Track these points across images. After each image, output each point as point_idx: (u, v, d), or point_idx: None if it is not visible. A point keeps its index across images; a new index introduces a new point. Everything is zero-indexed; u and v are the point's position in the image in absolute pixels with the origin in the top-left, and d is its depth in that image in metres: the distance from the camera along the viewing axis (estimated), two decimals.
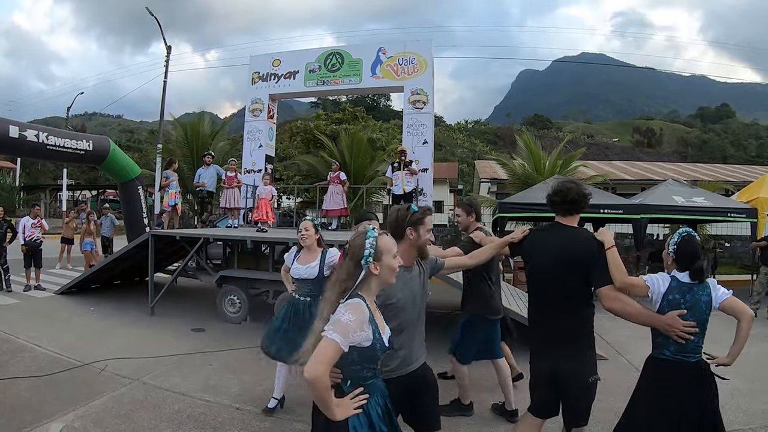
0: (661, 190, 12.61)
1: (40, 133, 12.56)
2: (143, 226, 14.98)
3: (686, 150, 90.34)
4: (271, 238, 8.96)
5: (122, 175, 15.35)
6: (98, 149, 14.18)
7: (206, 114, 28.03)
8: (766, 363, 6.85)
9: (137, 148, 55.04)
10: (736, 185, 19.54)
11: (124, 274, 11.71)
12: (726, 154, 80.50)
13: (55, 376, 5.61)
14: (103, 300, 10.16)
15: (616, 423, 3.44)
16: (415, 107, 12.91)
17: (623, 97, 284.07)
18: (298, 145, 31.23)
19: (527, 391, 3.48)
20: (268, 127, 14.51)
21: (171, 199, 11.51)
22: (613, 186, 21.12)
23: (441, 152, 57.92)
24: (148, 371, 5.91)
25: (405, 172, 11.34)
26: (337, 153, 20.89)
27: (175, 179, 11.72)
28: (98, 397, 5.06)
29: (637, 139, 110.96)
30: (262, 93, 14.42)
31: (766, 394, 5.52)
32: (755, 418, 4.91)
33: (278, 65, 14.36)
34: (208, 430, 4.44)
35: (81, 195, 41.97)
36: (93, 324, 8.37)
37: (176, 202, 11.56)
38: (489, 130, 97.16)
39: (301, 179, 23.23)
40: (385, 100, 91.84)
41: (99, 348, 6.73)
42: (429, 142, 12.82)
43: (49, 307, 9.51)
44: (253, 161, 14.29)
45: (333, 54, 13.93)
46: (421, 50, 13.27)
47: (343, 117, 34.69)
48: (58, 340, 7.09)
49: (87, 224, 14.40)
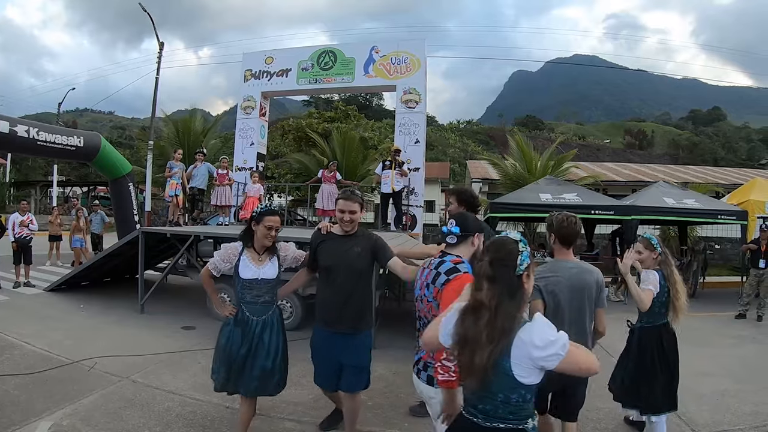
0: (651, 192, 12.68)
1: (30, 129, 12.51)
2: (134, 223, 14.95)
3: (677, 152, 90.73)
4: None
5: (113, 172, 15.30)
6: (89, 145, 14.13)
7: (198, 111, 27.89)
8: (755, 364, 6.91)
9: (128, 144, 54.74)
10: (726, 188, 19.65)
11: (114, 272, 11.64)
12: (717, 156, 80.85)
13: (44, 374, 5.57)
14: (92, 297, 10.09)
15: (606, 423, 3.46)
16: (408, 106, 12.94)
17: (615, 99, 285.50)
18: (290, 143, 31.16)
19: None
20: (260, 125, 14.50)
21: (171, 189, 11.41)
22: (604, 187, 21.19)
23: (433, 152, 57.98)
24: (138, 369, 5.89)
25: (396, 171, 11.33)
26: (329, 151, 20.92)
27: (179, 170, 11.61)
28: (87, 395, 5.03)
29: (629, 140, 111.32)
30: (254, 90, 14.41)
31: (755, 395, 5.56)
32: (744, 419, 4.95)
33: (271, 63, 14.35)
34: (198, 429, 4.43)
35: (71, 191, 41.71)
36: (82, 321, 8.31)
37: (177, 193, 11.44)
38: (481, 131, 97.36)
39: (293, 177, 23.18)
40: (378, 99, 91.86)
41: (88, 346, 6.69)
42: (421, 142, 12.85)
43: (39, 305, 9.43)
44: (245, 159, 14.28)
45: (326, 52, 13.93)
46: (414, 50, 13.30)
47: (335, 115, 34.63)
48: (48, 338, 7.03)
49: (77, 221, 14.31)
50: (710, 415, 5.02)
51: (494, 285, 2.02)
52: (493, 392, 1.99)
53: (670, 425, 4.47)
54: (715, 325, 9.44)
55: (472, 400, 2.10)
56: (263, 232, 3.88)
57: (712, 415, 5.03)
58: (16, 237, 11.14)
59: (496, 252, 2.11)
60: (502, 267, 2.06)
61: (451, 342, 2.10)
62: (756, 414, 5.09)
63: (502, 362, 1.94)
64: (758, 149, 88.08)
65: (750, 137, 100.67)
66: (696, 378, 5.98)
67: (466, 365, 2.00)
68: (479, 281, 2.09)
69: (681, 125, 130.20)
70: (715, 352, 7.50)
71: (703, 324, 9.40)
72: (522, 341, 1.95)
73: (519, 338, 1.95)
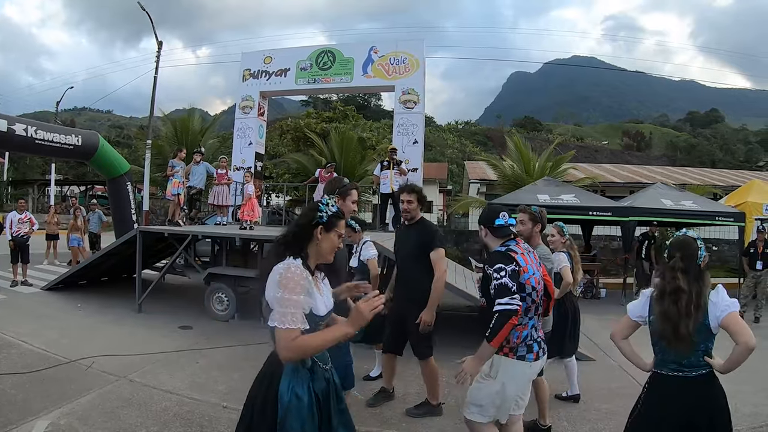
0: (649, 193, 12.71)
1: (28, 127, 12.48)
2: (131, 223, 14.91)
3: (675, 154, 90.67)
4: (260, 236, 8.95)
5: (111, 171, 15.28)
6: (87, 144, 14.11)
7: (196, 111, 27.92)
8: (754, 366, 6.83)
9: (126, 144, 54.61)
10: (724, 189, 19.66)
11: (112, 271, 11.63)
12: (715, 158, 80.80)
13: (41, 373, 5.57)
14: (90, 297, 10.09)
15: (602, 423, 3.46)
16: (406, 107, 12.94)
17: (613, 101, 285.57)
18: (288, 143, 31.13)
19: None
20: (258, 125, 14.50)
21: (174, 188, 11.25)
22: (602, 189, 21.17)
23: (431, 152, 57.88)
24: (135, 369, 5.88)
25: (394, 171, 11.33)
26: (327, 151, 20.91)
27: (180, 169, 11.44)
28: (85, 394, 5.03)
29: (627, 142, 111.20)
30: (252, 90, 14.40)
31: (754, 396, 5.55)
32: (743, 420, 4.94)
33: (269, 62, 14.35)
34: (195, 428, 4.43)
35: (69, 191, 41.64)
36: (80, 321, 8.32)
37: (179, 192, 11.26)
38: (479, 131, 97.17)
39: (291, 177, 23.18)
40: (376, 100, 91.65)
41: (86, 345, 6.69)
42: (419, 142, 12.85)
43: (36, 304, 9.44)
44: (243, 158, 14.27)
45: (324, 52, 13.93)
46: (413, 50, 13.30)
47: (333, 115, 34.61)
48: (45, 337, 7.03)
49: (74, 220, 14.29)
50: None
51: (686, 275, 2.77)
52: (695, 343, 2.73)
53: None
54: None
55: (674, 359, 2.80)
56: (333, 243, 2.51)
57: None
58: (14, 236, 11.12)
59: (685, 250, 2.86)
60: (689, 260, 2.82)
61: (648, 319, 2.92)
62: (756, 415, 5.10)
63: (703, 321, 2.72)
64: (756, 151, 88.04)
65: (748, 139, 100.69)
66: None
67: (669, 335, 2.73)
68: (674, 272, 2.79)
69: (679, 127, 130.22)
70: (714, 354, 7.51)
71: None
72: (713, 303, 2.76)
73: (711, 302, 2.76)
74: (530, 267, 3.26)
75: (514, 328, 3.10)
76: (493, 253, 3.36)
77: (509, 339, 3.17)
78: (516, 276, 3.14)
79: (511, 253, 3.24)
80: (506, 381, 3.22)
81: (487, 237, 3.49)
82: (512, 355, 3.23)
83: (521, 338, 3.23)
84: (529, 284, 3.21)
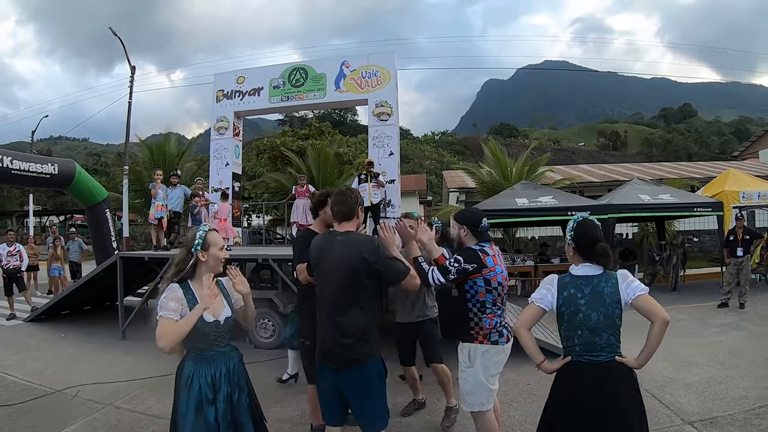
0: (627, 190, 12.88)
1: (4, 158, 12.45)
2: (112, 250, 14.82)
3: (651, 150, 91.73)
4: (241, 256, 8.92)
5: (89, 199, 15.21)
6: (64, 172, 14.06)
7: (173, 134, 27.89)
8: (741, 350, 7.04)
9: (104, 171, 54.17)
10: (701, 181, 19.88)
11: (95, 299, 11.55)
12: (690, 152, 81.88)
13: (27, 405, 5.55)
14: (73, 326, 10.03)
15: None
16: (380, 119, 12.98)
17: (587, 102, 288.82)
18: (265, 162, 31.16)
19: None
20: (234, 145, 14.46)
21: (157, 211, 10.99)
22: (580, 189, 21.40)
23: (409, 165, 58.04)
24: (121, 395, 5.87)
25: (372, 184, 11.36)
26: (304, 168, 20.99)
27: (162, 191, 11.09)
28: (71, 423, 5.02)
29: (603, 142, 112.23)
30: (227, 111, 14.37)
31: (742, 380, 5.68)
32: (733, 405, 5.04)
33: (242, 82, 14.35)
34: None
35: (48, 221, 41.27)
36: (64, 350, 8.27)
37: (162, 216, 11.02)
38: (456, 141, 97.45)
39: (270, 197, 23.17)
40: (352, 115, 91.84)
41: (71, 374, 6.67)
42: (395, 154, 12.88)
43: (19, 335, 9.36)
44: (221, 179, 14.22)
45: (297, 69, 13.96)
46: (384, 62, 13.36)
47: (309, 132, 34.72)
48: (29, 368, 7.00)
49: (54, 249, 14.19)
50: (699, 403, 5.11)
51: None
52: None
53: (660, 417, 4.73)
54: (699, 316, 9.60)
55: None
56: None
57: (702, 403, 5.11)
58: (4, 268, 11.07)
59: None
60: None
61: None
62: (744, 399, 5.19)
63: None
64: (731, 142, 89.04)
65: (722, 131, 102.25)
66: (683, 367, 6.13)
67: None
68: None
69: (653, 124, 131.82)
70: (701, 342, 7.65)
71: (687, 315, 9.56)
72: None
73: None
74: (498, 267, 3.62)
75: (485, 316, 3.59)
76: (466, 248, 3.67)
77: (482, 327, 3.58)
78: (463, 272, 3.53)
79: (481, 254, 3.57)
80: (485, 365, 3.55)
81: (466, 236, 3.75)
82: (486, 342, 3.57)
83: (492, 325, 3.59)
84: (495, 280, 3.58)
